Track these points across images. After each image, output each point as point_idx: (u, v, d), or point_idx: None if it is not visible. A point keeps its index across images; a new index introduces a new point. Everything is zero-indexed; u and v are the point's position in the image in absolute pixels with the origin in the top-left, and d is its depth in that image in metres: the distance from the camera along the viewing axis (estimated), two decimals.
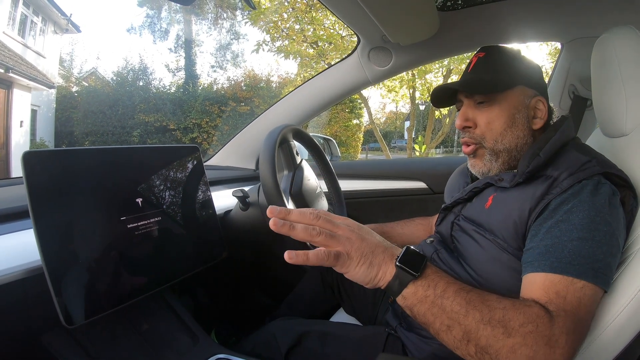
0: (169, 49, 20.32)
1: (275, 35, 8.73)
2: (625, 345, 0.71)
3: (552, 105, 0.92)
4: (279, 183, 0.95)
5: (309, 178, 1.18)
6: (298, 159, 1.16)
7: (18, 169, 0.72)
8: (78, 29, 13.51)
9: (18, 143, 9.78)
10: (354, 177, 1.85)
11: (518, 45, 1.58)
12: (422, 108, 14.65)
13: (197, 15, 18.83)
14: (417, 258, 0.66)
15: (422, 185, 1.78)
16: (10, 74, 8.87)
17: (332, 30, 8.46)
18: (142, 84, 13.99)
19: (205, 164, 1.17)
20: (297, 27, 8.66)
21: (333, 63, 1.93)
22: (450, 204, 0.98)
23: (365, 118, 12.75)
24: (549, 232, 0.71)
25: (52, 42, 12.31)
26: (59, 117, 12.58)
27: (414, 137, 11.40)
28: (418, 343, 0.91)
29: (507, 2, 1.33)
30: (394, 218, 1.31)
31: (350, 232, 0.66)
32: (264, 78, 13.68)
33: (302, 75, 9.76)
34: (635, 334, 0.71)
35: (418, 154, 10.77)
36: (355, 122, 12.51)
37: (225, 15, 19.35)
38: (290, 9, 8.47)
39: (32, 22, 11.20)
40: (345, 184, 1.69)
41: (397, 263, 0.64)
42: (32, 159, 0.71)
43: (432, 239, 1.02)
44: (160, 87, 14.32)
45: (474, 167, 0.93)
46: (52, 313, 0.69)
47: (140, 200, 0.88)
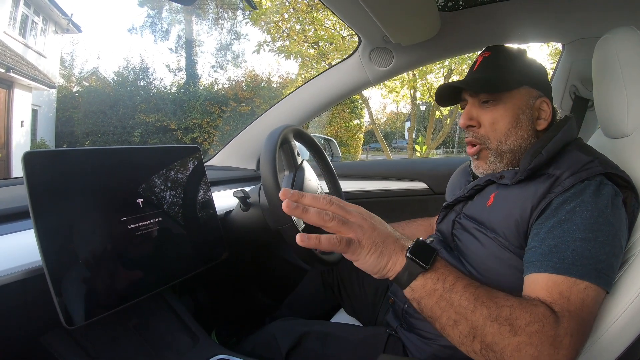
0: (170, 49, 20.36)
1: (276, 36, 8.73)
2: (628, 346, 0.71)
3: (556, 107, 0.92)
4: (280, 183, 0.95)
5: (310, 178, 1.18)
6: (299, 160, 1.16)
7: (18, 169, 0.71)
8: (79, 29, 13.52)
9: (19, 143, 9.79)
10: (355, 177, 1.85)
11: (519, 46, 1.58)
12: (422, 108, 14.67)
13: (198, 16, 18.84)
14: (427, 251, 0.65)
15: (422, 186, 1.78)
16: (11, 74, 8.88)
17: (333, 31, 8.46)
18: (142, 84, 13.98)
19: (206, 164, 1.17)
20: (298, 27, 8.66)
21: (334, 63, 1.93)
22: (452, 202, 0.97)
23: (366, 118, 12.76)
24: (551, 231, 0.70)
25: (53, 42, 12.31)
26: (60, 117, 12.59)
27: (415, 137, 11.40)
28: (419, 344, 0.91)
29: (508, 2, 1.33)
30: (395, 219, 1.31)
31: (363, 220, 0.65)
32: (265, 78, 13.68)
33: (303, 76, 9.74)
34: (638, 334, 0.71)
35: (419, 155, 10.76)
36: (356, 122, 12.50)
37: (226, 16, 19.36)
38: (291, 9, 8.47)
39: (33, 22, 11.21)
40: (346, 185, 1.68)
41: (407, 254, 0.64)
42: (32, 159, 0.71)
43: (431, 239, 1.02)
44: (161, 87, 14.32)
45: (478, 168, 0.93)
46: (52, 314, 0.68)
47: (141, 201, 0.88)
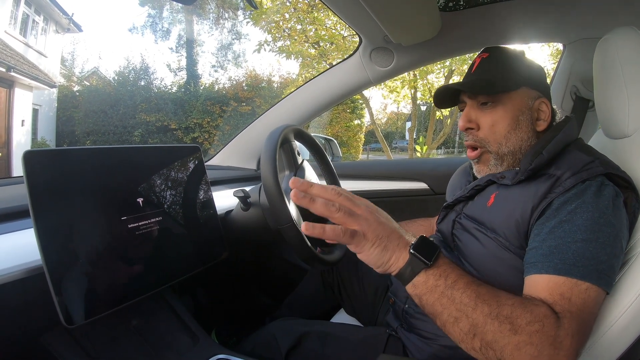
0: (171, 49, 20.29)
1: (277, 36, 8.73)
2: (628, 347, 0.71)
3: (555, 107, 0.91)
4: (281, 183, 0.95)
5: (311, 178, 1.18)
6: (299, 159, 1.16)
7: (19, 168, 0.71)
8: (80, 29, 13.52)
9: (19, 142, 9.79)
10: (356, 177, 1.85)
11: (520, 46, 1.58)
12: (423, 109, 14.66)
13: (198, 15, 18.83)
14: (430, 247, 0.66)
15: (423, 186, 1.78)
16: (12, 73, 8.88)
17: (333, 31, 8.45)
18: (143, 84, 13.97)
19: (207, 164, 1.17)
20: (298, 27, 8.66)
21: (335, 63, 1.93)
22: (452, 202, 0.97)
23: (367, 118, 12.74)
24: (552, 232, 0.70)
25: (53, 41, 12.32)
26: (61, 116, 12.59)
27: (415, 137, 11.39)
28: (419, 344, 0.91)
29: (509, 3, 1.33)
30: (396, 219, 1.29)
31: (369, 213, 0.66)
32: (266, 78, 13.67)
33: (303, 76, 9.75)
34: (638, 335, 0.71)
35: (419, 155, 10.76)
36: (357, 122, 12.49)
37: (227, 15, 19.36)
38: (292, 9, 8.47)
39: (33, 21, 11.21)
40: (347, 185, 1.69)
41: (410, 250, 0.65)
42: (33, 158, 0.71)
43: (431, 239, 1.02)
44: (162, 86, 14.31)
45: (480, 172, 0.93)
46: (52, 313, 0.68)
47: (141, 200, 0.88)
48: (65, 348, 0.79)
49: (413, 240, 0.66)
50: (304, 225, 0.60)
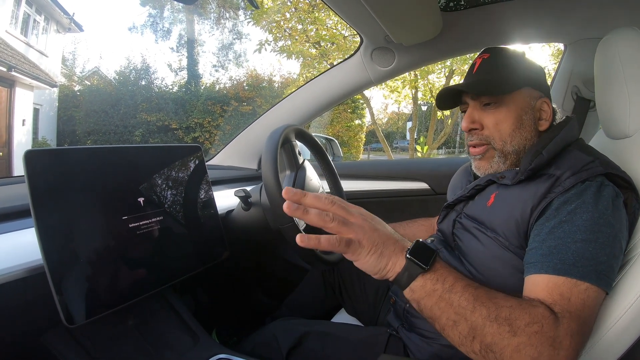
0: (171, 49, 20.35)
1: (278, 35, 8.72)
2: (628, 347, 0.71)
3: (555, 107, 0.91)
4: (281, 183, 0.95)
5: (311, 178, 1.18)
6: (300, 159, 1.16)
7: (20, 168, 0.71)
8: (81, 28, 13.53)
9: (20, 142, 9.80)
10: (356, 177, 1.85)
11: (521, 46, 1.58)
12: (424, 109, 14.66)
13: (199, 15, 18.86)
14: (427, 251, 0.66)
15: (424, 186, 1.78)
16: (13, 73, 8.89)
17: (334, 31, 8.45)
18: (144, 84, 13.97)
19: (207, 164, 1.17)
20: (299, 27, 8.65)
21: (335, 63, 1.92)
22: (453, 202, 0.97)
23: (368, 118, 12.72)
24: (552, 232, 0.70)
25: (54, 41, 12.33)
26: (61, 116, 12.60)
27: (416, 137, 11.39)
28: (420, 344, 0.91)
29: (510, 3, 1.33)
30: (396, 219, 1.31)
31: (364, 220, 0.65)
32: (267, 78, 13.66)
33: (304, 76, 9.74)
34: (638, 336, 0.70)
35: (420, 155, 10.75)
36: (358, 122, 12.48)
37: (228, 15, 19.37)
38: (293, 9, 8.47)
39: (34, 21, 11.22)
40: (348, 184, 1.68)
41: (407, 255, 0.64)
42: (33, 158, 0.71)
43: (432, 239, 1.02)
44: (163, 86, 14.30)
45: (479, 169, 0.92)
46: (53, 312, 0.69)
47: (142, 200, 0.88)
48: (66, 347, 0.79)
49: (409, 245, 0.66)
50: (299, 238, 0.60)
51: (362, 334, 1.02)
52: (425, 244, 0.66)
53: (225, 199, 1.27)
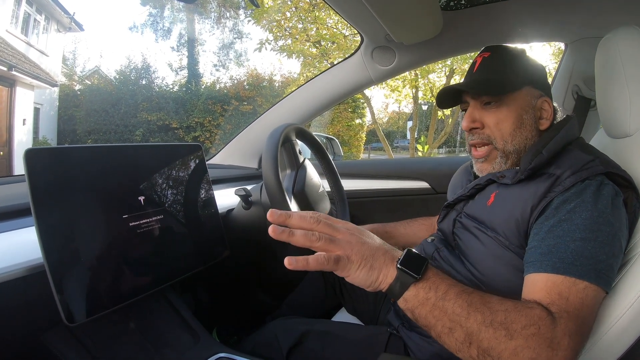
0: (172, 48, 20.40)
1: (278, 34, 8.72)
2: (628, 347, 0.71)
3: (556, 106, 0.91)
4: (282, 182, 0.95)
5: (312, 177, 1.18)
6: (301, 158, 1.16)
7: (20, 167, 0.72)
8: (81, 28, 13.52)
9: (20, 141, 9.81)
10: (357, 176, 1.85)
11: (522, 45, 1.57)
12: (424, 108, 14.64)
13: (200, 14, 18.86)
14: (418, 260, 0.65)
15: (424, 185, 1.78)
16: (13, 72, 8.89)
17: (335, 30, 8.45)
18: (144, 83, 14.00)
19: (208, 163, 1.17)
20: (300, 26, 8.65)
21: (336, 62, 1.92)
22: (453, 201, 0.97)
23: (368, 118, 12.73)
24: (551, 231, 0.70)
25: (55, 40, 12.32)
26: (62, 115, 12.61)
27: (417, 137, 11.36)
28: (420, 343, 0.90)
29: (510, 2, 1.33)
30: (397, 218, 1.31)
31: (351, 235, 0.65)
32: (267, 77, 13.67)
33: (305, 75, 9.73)
34: (638, 336, 0.70)
35: (420, 154, 10.72)
36: (358, 121, 12.49)
37: (228, 14, 19.37)
38: (294, 8, 8.46)
39: (35, 20, 11.22)
40: (348, 184, 1.68)
41: (398, 265, 0.64)
42: (34, 157, 0.71)
43: (433, 238, 1.02)
44: (163, 85, 14.33)
45: (482, 171, 0.92)
46: (53, 311, 0.69)
47: (142, 199, 0.88)
48: (67, 346, 0.79)
49: (400, 255, 0.66)
50: (287, 261, 0.59)
51: (362, 333, 1.02)
52: (416, 253, 0.66)
53: (226, 198, 1.27)
